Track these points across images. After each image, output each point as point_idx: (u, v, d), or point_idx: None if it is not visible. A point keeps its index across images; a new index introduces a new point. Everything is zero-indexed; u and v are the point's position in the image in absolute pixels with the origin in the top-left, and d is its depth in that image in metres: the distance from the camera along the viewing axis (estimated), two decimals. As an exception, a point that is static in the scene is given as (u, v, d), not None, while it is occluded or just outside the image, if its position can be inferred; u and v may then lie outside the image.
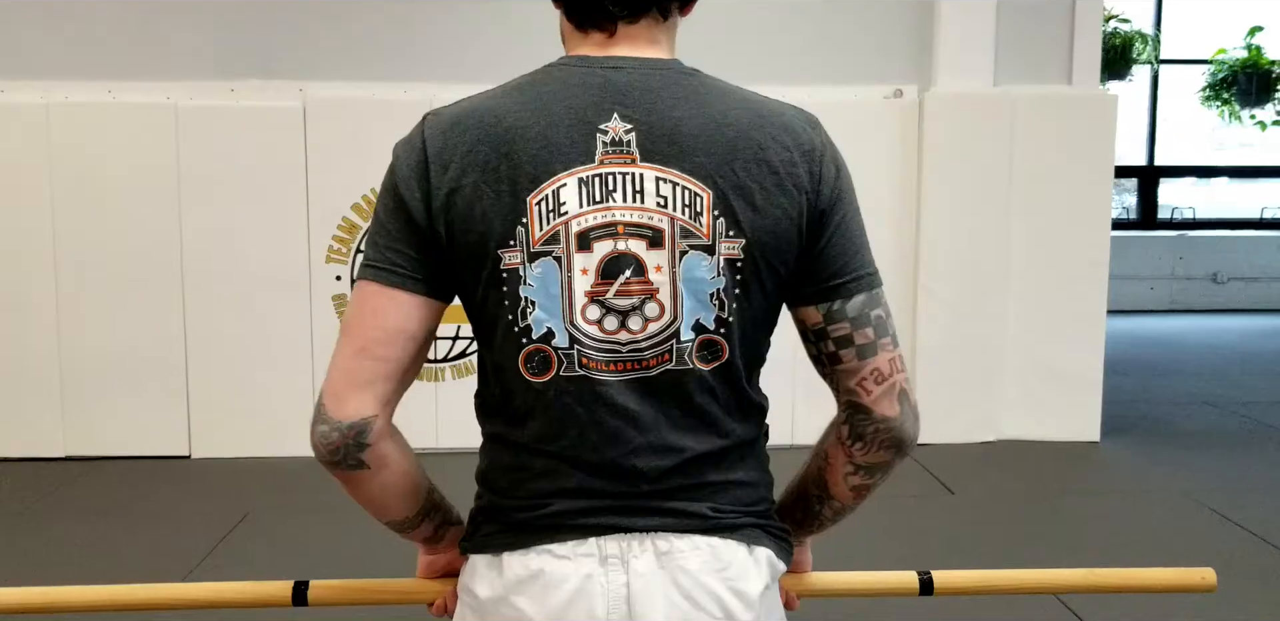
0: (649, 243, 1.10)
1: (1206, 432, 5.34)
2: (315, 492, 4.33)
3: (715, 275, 1.11)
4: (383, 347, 1.11)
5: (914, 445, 1.20)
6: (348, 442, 1.12)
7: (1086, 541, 3.76)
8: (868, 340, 1.17)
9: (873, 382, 1.17)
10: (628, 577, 1.13)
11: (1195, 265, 10.07)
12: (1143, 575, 1.46)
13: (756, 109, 1.14)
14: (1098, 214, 5.03)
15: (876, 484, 1.24)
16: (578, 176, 1.09)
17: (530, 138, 1.09)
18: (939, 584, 1.41)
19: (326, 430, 1.12)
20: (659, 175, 1.09)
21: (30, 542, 3.78)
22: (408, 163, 1.12)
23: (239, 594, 1.39)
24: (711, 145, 1.10)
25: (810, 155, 1.13)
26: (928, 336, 4.98)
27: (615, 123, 1.10)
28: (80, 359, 4.80)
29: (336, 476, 1.17)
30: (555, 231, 1.09)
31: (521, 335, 1.11)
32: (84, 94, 4.75)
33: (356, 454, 1.13)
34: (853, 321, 1.16)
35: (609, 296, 1.10)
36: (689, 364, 1.12)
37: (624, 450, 1.13)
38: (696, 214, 1.10)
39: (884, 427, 1.17)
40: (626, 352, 1.12)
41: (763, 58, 4.93)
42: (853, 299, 1.17)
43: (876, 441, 1.18)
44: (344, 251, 4.81)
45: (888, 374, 1.17)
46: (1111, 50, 8.41)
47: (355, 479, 1.16)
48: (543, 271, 1.10)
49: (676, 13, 1.18)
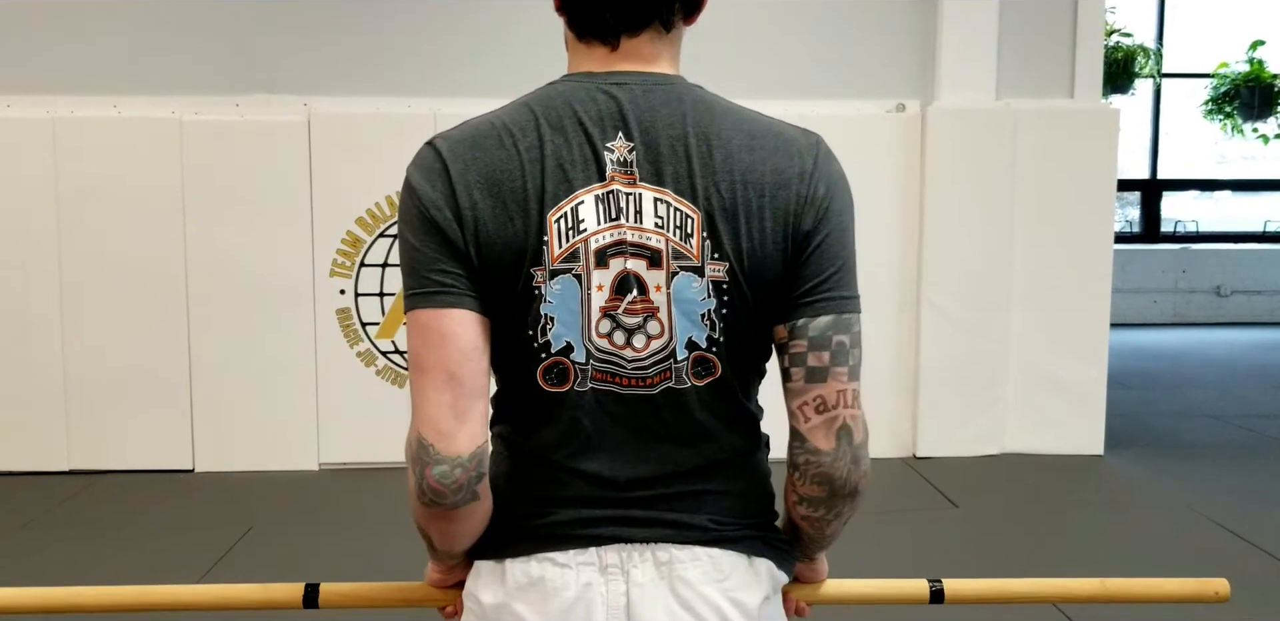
0: (649, 263, 1.11)
1: (1210, 445, 5.32)
2: (319, 506, 4.35)
3: (705, 296, 1.11)
4: (467, 370, 1.09)
5: (852, 489, 1.14)
6: (471, 476, 1.09)
7: (1091, 554, 3.75)
8: (820, 364, 1.12)
9: (812, 410, 1.12)
10: (627, 587, 1.14)
11: (1198, 278, 10.08)
12: (1156, 585, 1.46)
13: (750, 129, 1.13)
14: (1100, 227, 5.04)
15: (828, 519, 1.19)
16: (594, 194, 1.10)
17: (546, 156, 1.09)
18: (950, 592, 1.41)
19: (447, 469, 1.08)
20: (656, 196, 1.10)
21: (35, 556, 3.77)
22: (432, 185, 1.10)
23: (250, 596, 1.41)
24: (703, 167, 1.10)
25: (801, 176, 1.12)
26: (931, 350, 4.98)
27: (619, 141, 1.11)
28: (85, 373, 4.80)
29: (440, 516, 1.12)
30: (575, 249, 1.10)
31: (540, 350, 1.12)
32: (89, 109, 4.77)
33: (475, 486, 1.11)
34: (811, 340, 1.12)
35: (619, 312, 1.11)
36: (686, 382, 1.13)
37: (625, 460, 1.14)
38: (687, 235, 1.10)
39: (813, 461, 1.13)
40: (631, 369, 1.13)
41: (766, 72, 4.95)
42: (818, 319, 1.12)
43: (808, 474, 1.14)
44: (348, 265, 4.82)
45: (832, 405, 1.12)
46: (1114, 64, 8.44)
47: (464, 513, 1.13)
48: (563, 288, 1.10)
49: (680, 25, 1.18)
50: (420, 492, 1.10)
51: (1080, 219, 5.00)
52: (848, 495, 1.15)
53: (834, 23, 5.02)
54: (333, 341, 4.83)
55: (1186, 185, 10.64)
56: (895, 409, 5.02)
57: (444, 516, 1.12)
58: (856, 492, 1.15)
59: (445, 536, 1.17)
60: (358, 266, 4.83)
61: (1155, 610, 2.13)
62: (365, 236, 4.80)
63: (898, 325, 5.00)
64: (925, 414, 5.01)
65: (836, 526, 1.21)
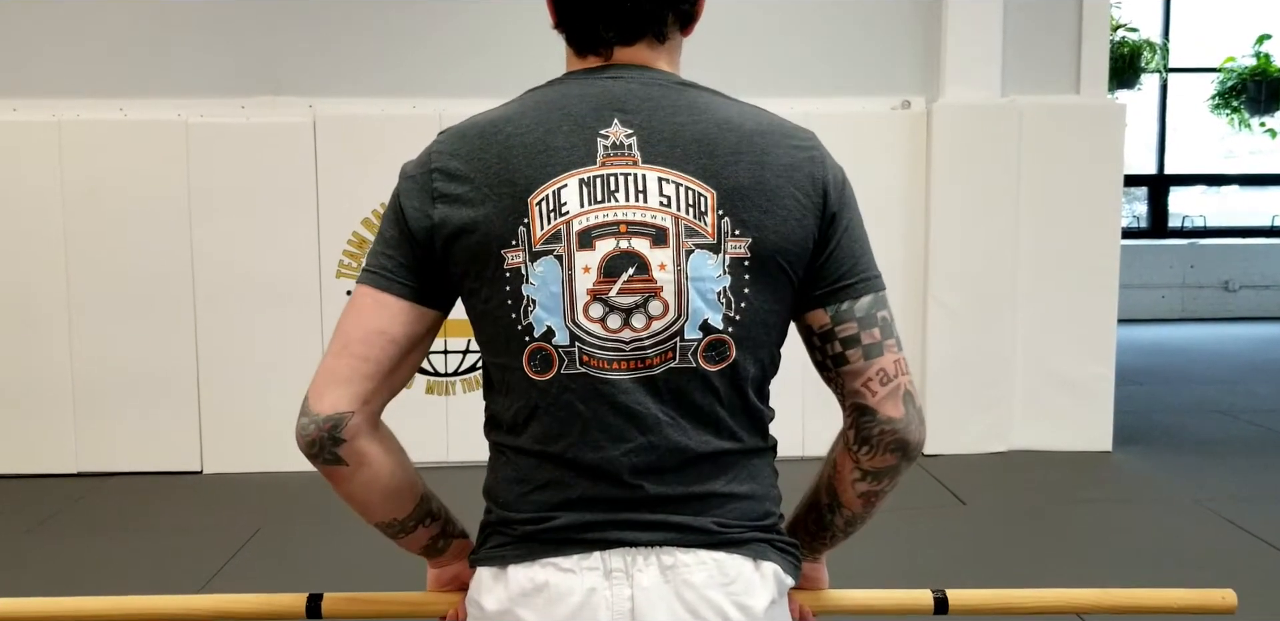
0: (652, 241, 1.11)
1: (1219, 441, 5.31)
2: (327, 507, 4.34)
3: (721, 273, 1.12)
4: (361, 346, 1.15)
5: (920, 449, 1.20)
6: (323, 435, 1.14)
7: (1100, 551, 3.74)
8: (874, 340, 1.17)
9: (878, 383, 1.17)
10: (632, 591, 1.13)
11: (1206, 273, 10.05)
12: (1161, 595, 1.44)
13: (756, 118, 1.17)
14: (1107, 223, 5.03)
15: (884, 490, 1.24)
16: (578, 177, 1.11)
17: (529, 143, 1.12)
18: (953, 603, 1.41)
19: (305, 422, 1.15)
20: (661, 176, 1.11)
21: (42, 558, 3.79)
22: (412, 174, 1.17)
23: (252, 606, 1.40)
24: (715, 148, 1.12)
25: (813, 160, 1.16)
26: (938, 347, 4.98)
27: (615, 128, 1.13)
28: (92, 375, 4.82)
29: (321, 471, 1.19)
30: (556, 230, 1.11)
31: (524, 333, 1.13)
32: (95, 112, 4.78)
33: (332, 448, 1.15)
34: (860, 321, 1.17)
35: (612, 294, 1.12)
36: (693, 363, 1.13)
37: (625, 448, 1.14)
38: (701, 213, 1.11)
39: (889, 429, 1.17)
40: (630, 350, 1.12)
41: (770, 70, 4.95)
42: (860, 300, 1.17)
43: (882, 444, 1.18)
44: (354, 266, 4.83)
45: (893, 375, 1.17)
46: (1120, 59, 8.39)
47: (335, 475, 1.18)
48: (544, 270, 1.11)
49: (676, 34, 1.21)
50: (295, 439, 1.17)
51: (1087, 214, 4.99)
52: (915, 456, 1.20)
53: (839, 20, 5.02)
54: (339, 342, 4.83)
55: (1194, 180, 10.61)
56: (902, 406, 5.00)
57: (324, 474, 1.18)
58: (921, 451, 1.21)
59: (348, 502, 1.23)
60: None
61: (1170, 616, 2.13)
62: (371, 237, 4.79)
63: (904, 322, 4.93)
64: (932, 411, 5.00)
65: (885, 500, 1.26)
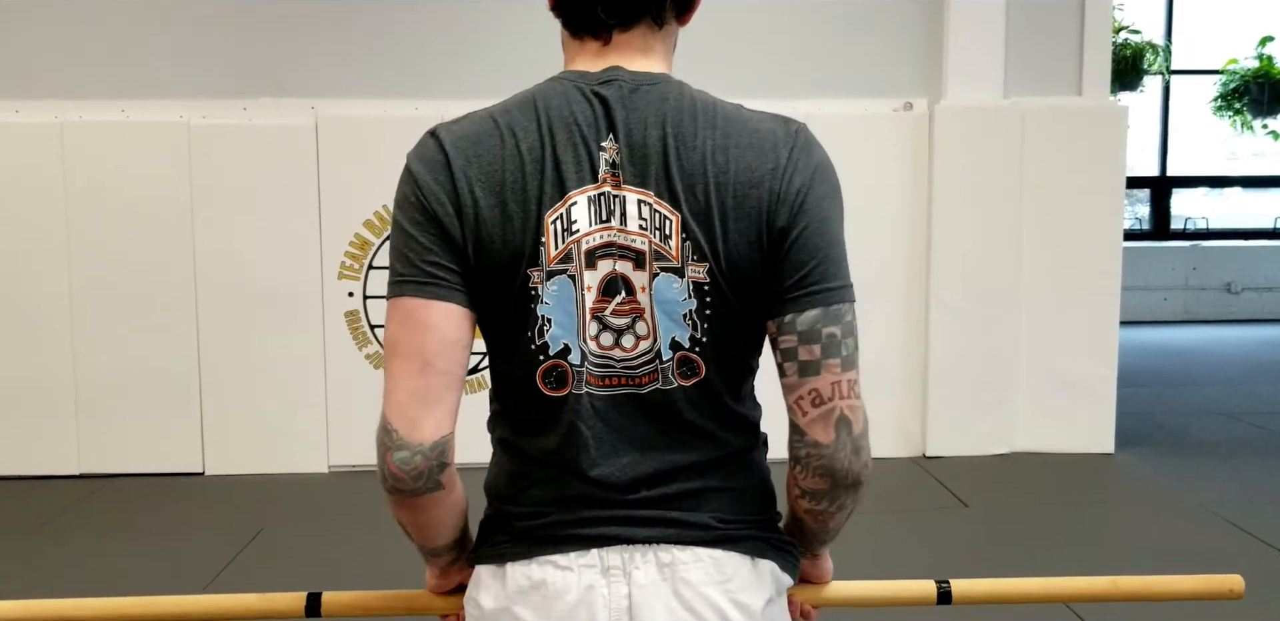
0: (634, 264, 1.12)
1: (1221, 443, 5.30)
2: (329, 509, 4.35)
3: (686, 297, 1.12)
4: (444, 361, 1.10)
5: (854, 479, 1.13)
6: (431, 465, 1.10)
7: (1102, 553, 3.74)
8: (812, 357, 1.11)
9: (809, 403, 1.12)
10: (629, 588, 1.13)
11: (1209, 275, 10.03)
12: (1168, 583, 1.44)
13: (726, 129, 1.12)
14: (1109, 225, 5.02)
15: (830, 512, 1.19)
16: (587, 195, 1.11)
17: (545, 158, 1.10)
18: (957, 593, 1.40)
19: (407, 456, 1.09)
20: (639, 198, 1.11)
21: (45, 559, 3.79)
22: (434, 177, 1.11)
23: (252, 605, 1.40)
24: (679, 169, 1.10)
25: (775, 173, 1.11)
26: (940, 349, 4.97)
27: (609, 143, 1.11)
28: (94, 376, 4.82)
29: (404, 503, 1.13)
30: (569, 250, 1.10)
31: (539, 352, 1.13)
32: (97, 113, 4.78)
33: (438, 475, 1.11)
34: (800, 335, 1.11)
35: (606, 314, 1.12)
36: (673, 382, 1.13)
37: (620, 464, 1.14)
38: (666, 237, 1.11)
39: (814, 453, 1.12)
40: (620, 369, 1.13)
41: (771, 71, 4.94)
42: (805, 313, 1.11)
43: (810, 467, 1.14)
44: (356, 268, 4.83)
45: (827, 397, 1.11)
46: (1122, 61, 8.39)
47: (427, 502, 1.14)
48: (559, 289, 1.11)
49: (673, 21, 1.19)
50: (383, 478, 1.11)
51: (1089, 216, 4.99)
52: (850, 486, 1.14)
53: (841, 21, 5.01)
54: (342, 343, 4.84)
55: (1196, 182, 10.58)
56: (904, 408, 5.00)
57: (407, 504, 1.13)
58: (859, 483, 1.14)
59: (416, 527, 1.19)
60: (366, 269, 4.83)
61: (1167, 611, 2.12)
62: (373, 238, 4.80)
63: (906, 324, 4.99)
64: (934, 413, 5.00)
65: (840, 518, 1.21)
